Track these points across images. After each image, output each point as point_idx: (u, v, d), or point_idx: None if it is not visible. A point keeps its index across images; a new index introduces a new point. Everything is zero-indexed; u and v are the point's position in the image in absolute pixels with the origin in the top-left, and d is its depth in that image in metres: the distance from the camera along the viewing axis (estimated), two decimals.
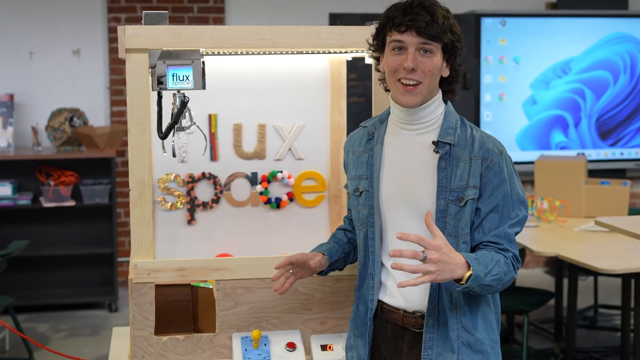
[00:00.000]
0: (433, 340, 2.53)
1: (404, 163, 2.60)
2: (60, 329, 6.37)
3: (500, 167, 2.50)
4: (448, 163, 2.53)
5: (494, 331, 2.57)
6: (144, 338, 2.91)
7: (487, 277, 2.39)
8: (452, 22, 2.53)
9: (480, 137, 2.54)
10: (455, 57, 2.57)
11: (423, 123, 2.58)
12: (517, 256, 2.52)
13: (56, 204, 6.64)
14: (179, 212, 3.56)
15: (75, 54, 7.21)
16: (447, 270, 2.32)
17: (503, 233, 2.49)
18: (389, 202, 2.60)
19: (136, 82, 2.86)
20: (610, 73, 7.72)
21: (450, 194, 2.50)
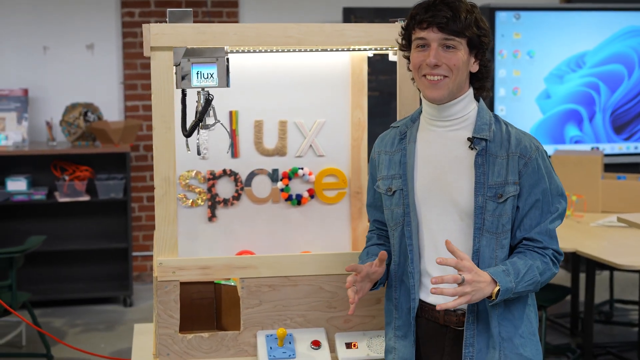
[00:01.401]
0: (474, 337, 2.55)
1: (438, 159, 2.60)
2: (75, 323, 6.38)
3: (538, 164, 2.51)
4: (485, 159, 2.53)
5: (532, 324, 2.59)
6: (169, 336, 2.91)
7: (519, 285, 2.46)
8: (478, 16, 2.52)
9: (516, 133, 2.56)
10: (483, 52, 2.56)
11: (455, 119, 2.59)
12: (557, 251, 2.56)
13: (71, 199, 6.65)
14: (199, 209, 3.57)
15: (89, 49, 7.21)
16: (479, 290, 2.41)
17: (544, 229, 2.52)
18: (423, 200, 2.60)
19: (161, 79, 2.85)
20: (625, 67, 7.68)
21: (489, 190, 2.51)
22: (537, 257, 2.51)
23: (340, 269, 2.96)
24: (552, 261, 2.54)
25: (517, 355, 2.54)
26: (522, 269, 2.47)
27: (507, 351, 2.53)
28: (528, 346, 2.56)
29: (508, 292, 2.45)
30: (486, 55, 2.57)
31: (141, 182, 7.35)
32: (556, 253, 2.55)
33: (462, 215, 2.54)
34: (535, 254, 2.52)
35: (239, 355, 2.95)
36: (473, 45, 2.52)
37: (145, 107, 7.29)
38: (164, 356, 2.92)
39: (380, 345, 2.95)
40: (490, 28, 2.59)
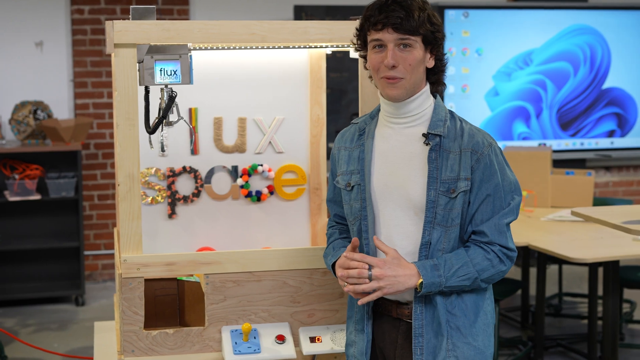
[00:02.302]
0: (422, 327, 2.58)
1: (394, 155, 2.63)
2: (27, 323, 6.31)
3: (490, 159, 2.55)
4: (438, 154, 2.57)
5: (486, 317, 2.63)
6: (134, 333, 2.92)
7: (451, 280, 2.52)
8: (430, 12, 2.55)
9: (469, 129, 2.59)
10: (438, 47, 2.59)
11: (412, 116, 2.62)
12: (507, 247, 2.58)
13: (21, 198, 6.58)
14: (159, 206, 3.57)
15: (38, 46, 7.13)
16: (397, 283, 2.51)
17: (493, 224, 2.56)
18: (380, 194, 2.64)
19: (125, 77, 2.85)
20: (571, 64, 7.82)
21: (441, 185, 2.55)
22: (480, 253, 2.55)
23: (304, 264, 3.00)
24: (499, 258, 2.57)
25: (466, 344, 2.58)
26: (455, 264, 2.53)
27: (456, 339, 2.57)
28: (480, 337, 2.60)
29: (434, 286, 2.52)
30: (441, 50, 2.62)
31: (92, 180, 7.30)
32: (504, 249, 2.58)
33: (416, 210, 2.58)
34: (479, 249, 2.56)
35: (203, 350, 2.96)
36: (428, 42, 2.56)
37: (96, 105, 7.24)
38: (129, 353, 2.92)
39: (344, 339, 2.99)
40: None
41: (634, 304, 6.29)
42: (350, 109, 7.22)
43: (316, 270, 3.00)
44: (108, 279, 7.43)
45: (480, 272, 2.55)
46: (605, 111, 7.98)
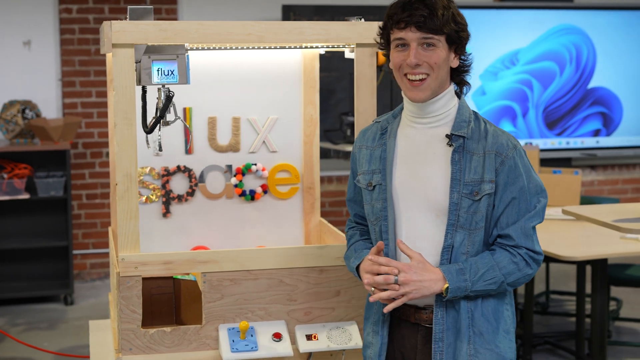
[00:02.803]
0: (443, 332, 2.54)
1: (416, 156, 2.60)
2: (16, 323, 6.31)
3: (515, 162, 2.51)
4: (462, 156, 2.53)
5: (506, 322, 2.59)
6: (131, 331, 2.93)
7: (477, 285, 2.49)
8: (455, 11, 2.51)
9: (493, 131, 2.56)
10: (462, 46, 2.56)
11: (435, 116, 2.58)
12: (533, 251, 2.54)
13: (10, 197, 6.57)
14: (154, 205, 3.59)
15: (26, 45, 7.13)
16: (422, 288, 2.47)
17: (519, 227, 2.52)
18: (401, 195, 2.60)
19: (122, 77, 2.87)
20: (557, 64, 7.88)
21: (465, 187, 2.51)
22: (506, 256, 2.51)
23: (300, 263, 3.02)
24: (525, 261, 2.53)
25: (488, 350, 2.54)
26: (482, 268, 2.49)
27: (478, 345, 2.54)
28: (502, 342, 2.56)
29: (460, 290, 2.48)
30: (464, 49, 2.58)
31: (80, 179, 7.30)
32: (531, 252, 2.54)
33: (438, 212, 2.54)
34: (505, 253, 2.52)
35: (201, 349, 2.98)
36: (452, 41, 2.52)
37: (84, 105, 7.24)
38: (127, 351, 2.93)
39: (340, 336, 3.02)
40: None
41: (620, 301, 6.35)
42: (339, 108, 7.25)
43: (312, 268, 3.03)
44: (96, 278, 7.43)
45: (506, 275, 2.51)
46: (591, 110, 8.04)
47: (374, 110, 3.07)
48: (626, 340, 5.82)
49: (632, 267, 5.60)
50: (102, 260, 7.43)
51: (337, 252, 3.04)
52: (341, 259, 3.02)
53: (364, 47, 3.03)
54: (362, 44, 3.02)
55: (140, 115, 3.02)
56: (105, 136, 7.33)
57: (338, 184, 7.78)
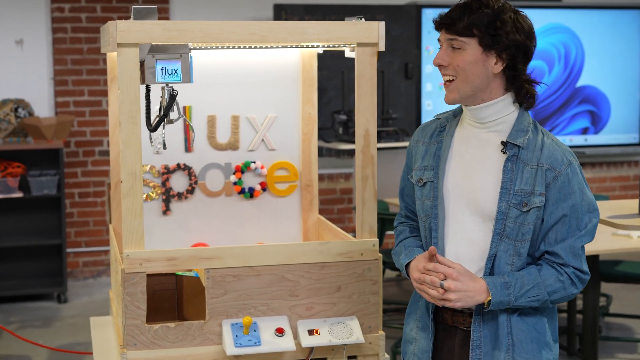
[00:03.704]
0: (481, 339, 2.54)
1: (470, 157, 2.58)
2: (10, 321, 6.34)
3: (568, 179, 2.47)
4: (514, 165, 2.50)
5: (545, 334, 2.57)
6: (136, 327, 2.97)
7: (520, 300, 2.47)
8: (497, 15, 2.44)
9: (550, 144, 2.50)
10: (505, 51, 2.46)
11: (489, 122, 2.55)
12: (580, 270, 2.49)
13: (4, 196, 6.60)
14: (154, 203, 3.63)
15: (19, 44, 7.14)
16: (466, 297, 2.46)
17: (568, 246, 2.47)
18: (452, 195, 2.59)
19: (127, 76, 2.90)
20: (546, 63, 7.96)
21: (514, 197, 2.48)
22: (552, 274, 2.48)
23: (302, 259, 3.06)
24: (571, 280, 2.49)
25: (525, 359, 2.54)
26: (527, 284, 2.47)
27: (516, 355, 2.53)
28: (540, 354, 2.55)
29: (503, 304, 2.47)
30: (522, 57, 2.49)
31: (73, 178, 7.32)
32: (578, 272, 2.49)
33: (484, 218, 2.53)
34: (552, 270, 2.49)
35: (204, 344, 3.02)
36: (487, 45, 2.46)
37: (76, 103, 7.26)
38: (131, 346, 2.97)
39: (341, 331, 3.06)
40: (417, 25, 2.59)
41: (610, 297, 6.42)
42: (331, 106, 7.29)
43: (314, 264, 3.07)
44: (89, 277, 7.46)
45: (551, 293, 2.48)
46: (579, 109, 8.12)
47: (374, 109, 3.11)
48: (616, 336, 5.89)
49: (622, 263, 5.67)
50: (94, 259, 7.45)
51: (338, 249, 3.08)
52: (342, 255, 3.07)
53: (365, 46, 3.06)
54: (363, 43, 3.06)
55: (144, 113, 3.06)
56: (98, 135, 7.35)
57: (330, 182, 7.83)
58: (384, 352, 3.16)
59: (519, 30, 2.46)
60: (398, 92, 7.55)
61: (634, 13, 8.14)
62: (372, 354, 3.13)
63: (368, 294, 3.12)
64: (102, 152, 7.36)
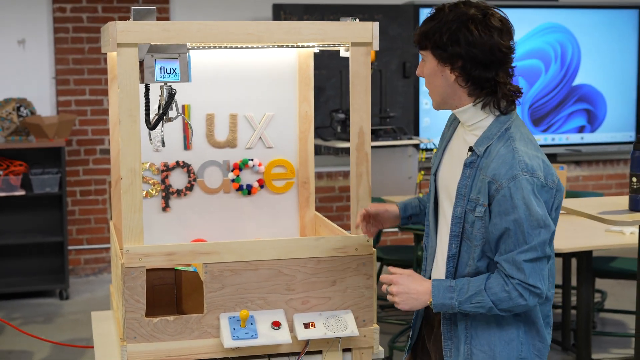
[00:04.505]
0: (450, 331, 2.68)
1: (454, 155, 2.68)
2: (13, 317, 6.41)
3: (510, 193, 2.46)
4: (472, 172, 2.57)
5: (506, 331, 2.62)
6: (136, 320, 3.04)
7: (464, 305, 2.54)
8: (440, 29, 2.52)
9: (504, 155, 2.50)
10: (454, 62, 2.53)
11: (469, 126, 2.62)
12: (526, 283, 2.48)
13: (6, 194, 6.67)
14: (154, 200, 3.69)
15: (21, 44, 7.22)
16: (410, 300, 2.61)
17: (510, 259, 2.48)
18: (440, 186, 2.73)
19: (127, 75, 2.97)
20: (542, 62, 8.02)
21: (469, 203, 2.56)
22: (499, 284, 2.51)
23: (298, 254, 3.13)
24: (518, 292, 2.48)
25: (481, 352, 2.63)
26: (471, 290, 2.53)
27: (472, 346, 2.63)
28: (496, 347, 2.62)
29: (445, 307, 2.56)
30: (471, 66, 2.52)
31: (74, 176, 7.39)
32: (524, 284, 2.48)
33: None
34: (500, 280, 2.51)
35: (202, 337, 3.09)
36: (439, 57, 2.55)
37: (78, 102, 7.34)
38: (131, 339, 3.04)
39: (336, 325, 3.13)
40: (414, 25, 2.71)
41: (605, 293, 6.49)
42: (329, 105, 7.36)
43: (310, 259, 3.14)
44: (90, 274, 7.53)
45: (496, 302, 2.51)
46: (576, 107, 8.19)
47: (369, 107, 3.19)
48: (610, 331, 5.96)
49: (617, 259, 5.74)
50: (96, 256, 7.53)
51: (333, 244, 3.15)
52: (337, 250, 3.15)
53: (359, 46, 3.13)
54: (357, 43, 3.13)
55: (143, 112, 3.13)
56: (99, 134, 7.42)
57: (328, 180, 7.90)
58: (378, 345, 3.22)
59: (459, 40, 2.50)
60: (396, 91, 7.61)
61: (630, 12, 8.21)
62: (367, 347, 3.20)
63: (362, 288, 3.19)
64: (103, 151, 7.43)
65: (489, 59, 2.51)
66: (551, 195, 2.52)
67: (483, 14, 2.55)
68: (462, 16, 2.52)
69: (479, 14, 2.54)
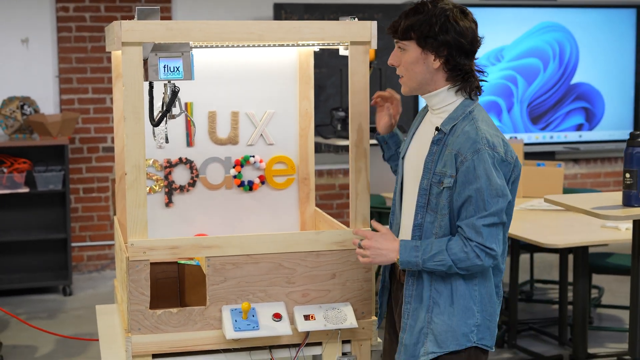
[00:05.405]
0: (412, 296, 2.91)
1: (421, 138, 2.96)
2: (17, 313, 6.46)
3: (474, 165, 2.74)
4: (439, 148, 2.84)
5: (468, 300, 2.86)
6: (140, 312, 3.11)
7: (427, 263, 2.80)
8: (428, 20, 2.80)
9: (469, 132, 2.78)
10: (440, 49, 2.80)
11: (436, 109, 2.91)
12: (484, 245, 2.75)
13: (10, 191, 6.74)
14: (157, 196, 3.76)
15: (24, 43, 7.29)
16: (380, 255, 2.88)
17: (471, 224, 2.76)
18: (407, 167, 2.99)
19: (131, 73, 3.04)
20: (541, 60, 8.09)
21: (434, 176, 2.82)
22: (459, 245, 2.77)
23: (298, 247, 3.20)
24: (475, 253, 2.75)
25: (441, 320, 2.86)
26: (434, 250, 2.79)
27: (433, 314, 2.87)
28: (456, 317, 2.85)
29: (411, 264, 2.83)
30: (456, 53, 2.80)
31: (77, 174, 7.46)
32: (482, 247, 2.75)
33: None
34: (459, 241, 2.78)
35: (205, 328, 3.16)
36: (423, 46, 2.82)
37: (81, 101, 7.41)
38: (136, 331, 3.11)
39: (335, 317, 3.20)
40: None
41: (602, 289, 6.56)
42: (329, 104, 7.43)
43: (310, 252, 3.20)
44: (93, 270, 7.61)
45: (456, 261, 2.77)
46: (574, 105, 8.25)
47: (367, 104, 3.27)
48: (607, 326, 6.03)
49: (613, 255, 5.81)
50: (98, 253, 7.60)
51: (332, 238, 3.22)
52: (336, 243, 3.22)
53: (358, 44, 3.20)
54: (356, 42, 3.20)
55: (147, 109, 3.20)
56: (102, 132, 7.50)
57: (329, 178, 7.97)
58: (377, 336, 3.30)
59: (449, 30, 2.79)
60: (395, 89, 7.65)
61: (628, 12, 8.28)
62: (365, 339, 3.27)
63: (361, 281, 3.26)
64: (106, 149, 7.51)
65: (469, 48, 2.83)
66: (509, 169, 2.80)
67: (461, 10, 2.87)
68: (447, 11, 2.82)
69: (458, 10, 2.86)
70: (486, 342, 2.90)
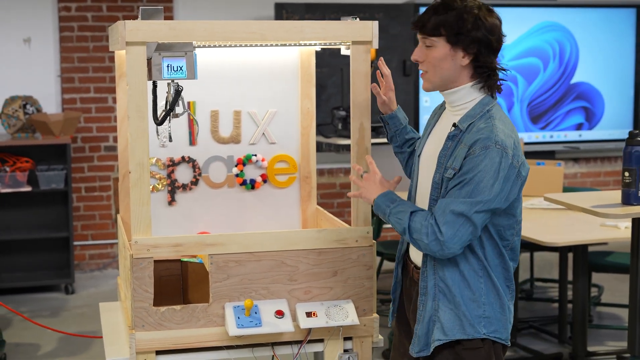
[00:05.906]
0: (427, 287, 2.91)
1: (439, 134, 2.95)
2: (20, 311, 6.46)
3: (479, 159, 2.71)
4: (453, 144, 2.83)
5: (471, 290, 2.86)
6: (144, 309, 3.14)
7: (391, 217, 2.86)
8: (460, 17, 2.78)
9: (484, 128, 2.76)
10: (469, 46, 2.79)
11: (455, 106, 2.91)
12: (437, 224, 2.73)
13: (13, 190, 6.77)
14: (160, 194, 3.79)
15: (26, 43, 7.32)
16: (369, 191, 2.96)
17: (444, 203, 2.75)
18: (422, 164, 3.00)
19: (135, 72, 3.07)
20: (541, 60, 8.11)
21: (446, 171, 2.81)
22: (423, 216, 2.78)
23: (301, 245, 3.23)
24: (427, 230, 2.74)
25: (448, 309, 2.87)
26: (402, 209, 2.83)
27: (440, 303, 2.88)
28: (462, 307, 2.85)
29: (380, 210, 2.90)
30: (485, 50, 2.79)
31: (79, 173, 7.50)
32: (436, 225, 2.73)
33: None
34: (426, 214, 2.79)
35: (208, 325, 3.19)
36: (453, 42, 2.80)
37: (83, 100, 7.44)
38: (140, 327, 3.14)
39: (337, 314, 3.23)
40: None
41: (602, 288, 6.59)
42: (330, 103, 7.46)
43: (312, 250, 3.24)
44: (95, 269, 7.64)
45: (410, 227, 2.78)
46: (574, 105, 8.28)
47: (368, 104, 3.30)
48: (606, 324, 6.05)
49: (613, 254, 5.84)
50: (100, 251, 7.63)
51: (334, 236, 3.26)
52: (338, 241, 3.25)
53: (359, 44, 3.24)
54: (357, 41, 3.23)
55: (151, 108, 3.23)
56: (104, 131, 7.53)
57: (330, 177, 8.00)
58: (378, 333, 3.33)
59: (480, 27, 2.78)
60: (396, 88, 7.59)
61: (627, 11, 8.31)
62: (367, 336, 3.31)
63: (363, 278, 3.29)
64: (107, 148, 7.54)
65: (496, 46, 2.84)
66: (513, 173, 2.75)
67: (487, 7, 2.87)
68: (476, 8, 2.82)
69: (485, 7, 2.86)
70: (499, 335, 2.88)
